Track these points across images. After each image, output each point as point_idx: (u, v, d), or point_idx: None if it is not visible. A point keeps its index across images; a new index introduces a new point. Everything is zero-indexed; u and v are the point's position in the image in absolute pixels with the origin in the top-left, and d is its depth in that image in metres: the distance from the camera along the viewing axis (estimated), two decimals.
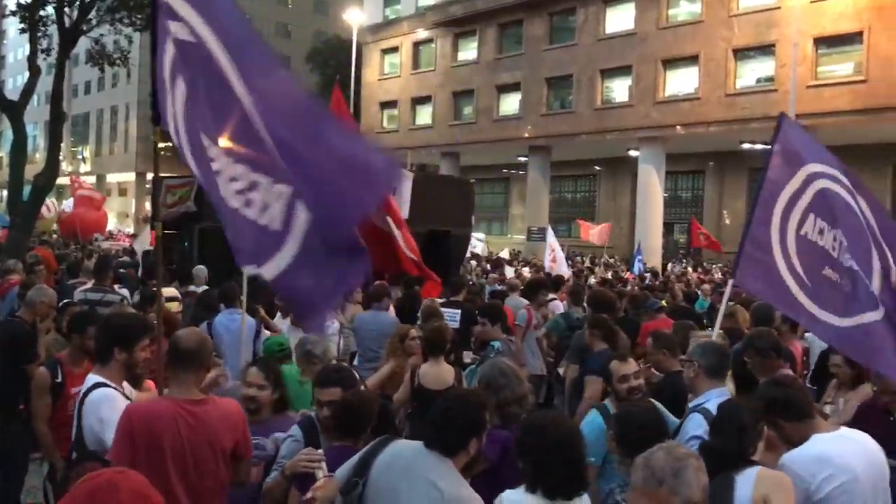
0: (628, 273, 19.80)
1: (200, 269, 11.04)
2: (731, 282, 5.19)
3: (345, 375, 4.01)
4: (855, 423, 3.91)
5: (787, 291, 4.73)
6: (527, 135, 35.29)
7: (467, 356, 7.55)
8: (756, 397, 3.73)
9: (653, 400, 4.30)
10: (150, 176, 37.83)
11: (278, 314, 7.83)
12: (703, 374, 4.31)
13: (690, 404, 4.32)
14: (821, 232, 4.87)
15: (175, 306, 7.94)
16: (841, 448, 3.44)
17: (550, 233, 17.70)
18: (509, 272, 17.05)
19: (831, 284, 4.81)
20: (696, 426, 4.02)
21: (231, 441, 3.66)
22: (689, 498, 2.34)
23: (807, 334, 6.99)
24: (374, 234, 9.81)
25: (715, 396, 4.16)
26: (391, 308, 8.39)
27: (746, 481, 3.15)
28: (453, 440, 3.10)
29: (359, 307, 8.67)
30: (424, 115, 41.22)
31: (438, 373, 5.62)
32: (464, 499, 3.01)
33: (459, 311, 8.57)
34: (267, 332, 7.02)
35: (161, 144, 4.46)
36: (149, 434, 3.42)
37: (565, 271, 16.11)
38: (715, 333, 4.78)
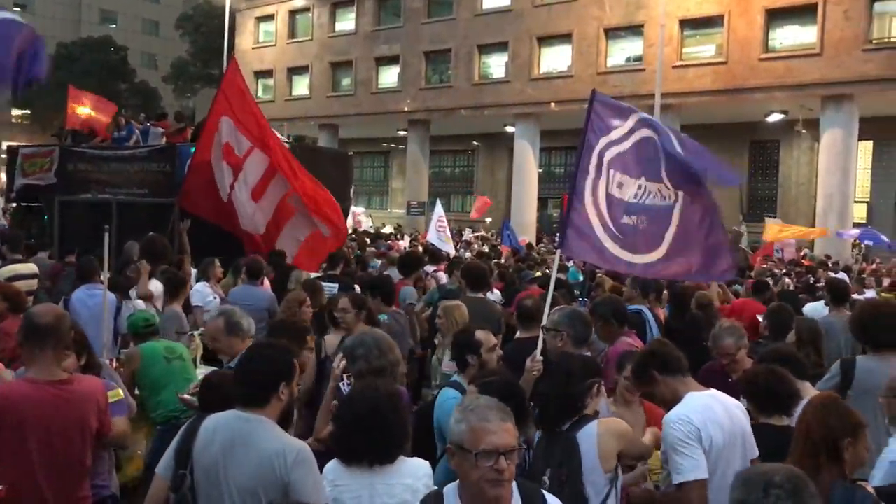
0: (502, 246, 20.16)
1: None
2: (558, 252, 5.38)
3: None
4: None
5: (605, 250, 5.05)
6: (406, 108, 35.23)
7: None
8: (640, 352, 3.94)
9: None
10: (5, 145, 35.43)
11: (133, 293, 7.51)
12: (571, 343, 4.48)
13: None
14: (620, 185, 5.22)
15: (30, 284, 7.54)
16: (715, 406, 3.64)
17: (439, 206, 17.42)
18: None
19: (632, 229, 5.22)
20: None
21: (97, 421, 3.54)
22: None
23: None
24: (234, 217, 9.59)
25: None
26: (266, 282, 8.27)
27: (588, 438, 3.38)
28: (259, 387, 3.09)
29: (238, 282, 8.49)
30: (301, 86, 40.39)
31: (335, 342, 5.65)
32: (280, 451, 2.99)
33: (337, 284, 8.52)
34: (141, 305, 6.76)
35: (16, 112, 4.17)
36: (9, 419, 3.26)
37: (449, 248, 15.95)
38: (548, 301, 4.93)
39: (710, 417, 3.52)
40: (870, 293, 12.02)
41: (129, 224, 10.30)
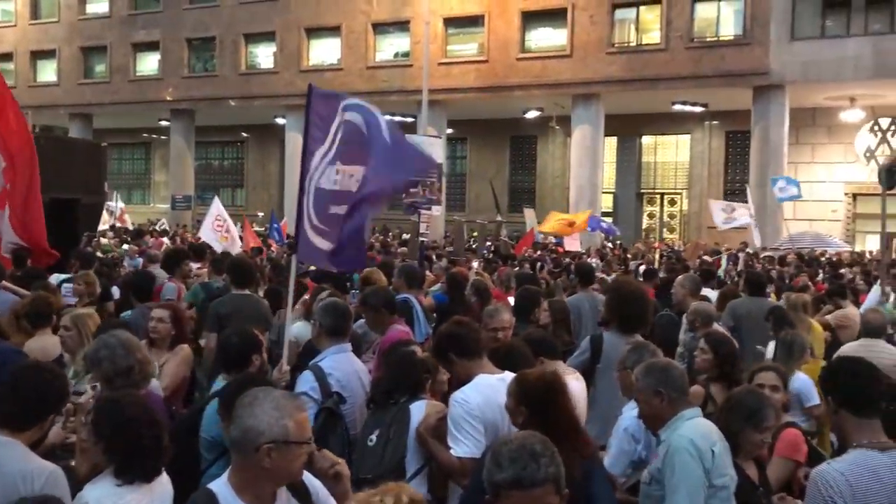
0: (270, 241, 19.77)
1: None
2: (293, 258, 5.27)
3: None
4: None
5: (316, 248, 5.00)
6: (168, 97, 33.42)
7: None
8: (439, 333, 4.08)
9: None
10: None
11: None
12: (324, 334, 4.57)
13: (311, 362, 4.53)
14: (336, 174, 5.15)
15: None
16: (501, 388, 3.70)
17: (217, 202, 16.27)
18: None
19: (338, 218, 5.08)
20: (305, 383, 4.30)
21: None
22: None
23: None
24: None
25: (332, 353, 4.48)
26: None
27: (418, 409, 3.88)
28: (27, 413, 2.96)
29: None
30: (48, 72, 36.95)
31: (44, 346, 5.27)
32: (28, 473, 2.82)
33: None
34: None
35: None
36: None
37: (229, 247, 14.65)
38: (290, 296, 4.97)
39: (491, 399, 3.64)
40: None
41: None
